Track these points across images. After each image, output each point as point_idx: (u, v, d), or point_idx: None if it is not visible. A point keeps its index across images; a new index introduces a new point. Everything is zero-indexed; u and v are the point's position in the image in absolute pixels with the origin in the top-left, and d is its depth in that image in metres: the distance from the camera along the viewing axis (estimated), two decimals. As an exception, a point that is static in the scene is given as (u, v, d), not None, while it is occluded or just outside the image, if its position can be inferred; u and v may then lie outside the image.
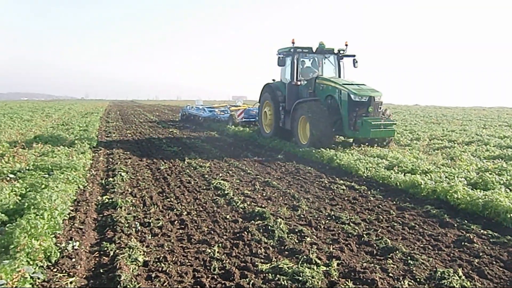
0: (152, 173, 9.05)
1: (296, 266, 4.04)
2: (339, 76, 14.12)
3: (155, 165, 9.95)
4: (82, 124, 19.15)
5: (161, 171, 9.20)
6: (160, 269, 4.06)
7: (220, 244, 4.74)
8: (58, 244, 4.49)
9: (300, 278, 3.77)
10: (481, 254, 4.64)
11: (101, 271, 4.05)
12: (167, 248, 4.64)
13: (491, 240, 5.11)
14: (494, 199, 6.01)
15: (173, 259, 4.32)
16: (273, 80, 15.37)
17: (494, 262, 4.42)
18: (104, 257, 4.33)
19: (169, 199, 6.82)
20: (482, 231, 5.39)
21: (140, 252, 4.42)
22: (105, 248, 4.52)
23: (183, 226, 5.43)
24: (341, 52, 14.17)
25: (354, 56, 14.09)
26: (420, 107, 51.48)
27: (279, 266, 4.03)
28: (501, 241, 5.05)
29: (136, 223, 5.48)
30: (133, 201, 6.59)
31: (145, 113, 34.19)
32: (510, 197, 6.12)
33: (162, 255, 4.38)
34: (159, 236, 5.08)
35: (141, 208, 6.30)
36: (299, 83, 13.78)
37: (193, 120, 23.25)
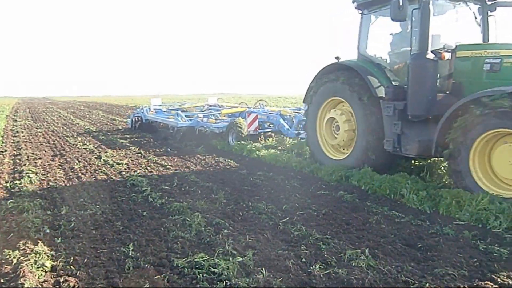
0: (65, 173, 8.59)
1: (212, 258, 4.06)
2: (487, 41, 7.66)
3: (69, 165, 9.45)
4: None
5: (75, 170, 8.77)
6: (69, 273, 3.88)
7: (135, 242, 4.62)
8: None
9: (216, 270, 3.80)
10: (386, 234, 4.96)
11: (2, 281, 3.77)
12: (78, 251, 4.43)
13: (395, 220, 5.49)
14: (397, 182, 6.47)
15: (84, 262, 4.14)
16: (337, 58, 8.43)
17: (397, 241, 4.74)
18: (5, 266, 4.03)
19: (82, 199, 6.51)
20: (388, 212, 5.77)
21: (48, 257, 4.19)
22: (7, 256, 4.21)
23: (96, 227, 5.22)
24: None
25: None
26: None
27: (195, 260, 4.03)
28: (404, 221, 5.44)
29: (45, 226, 5.17)
30: (42, 203, 6.22)
31: (59, 110, 32.32)
32: (410, 180, 6.62)
33: (72, 258, 4.18)
34: (70, 238, 4.84)
35: (51, 210, 5.96)
36: (432, 56, 6.78)
37: (151, 128, 15.96)
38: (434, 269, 4.00)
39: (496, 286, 3.66)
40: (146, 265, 3.97)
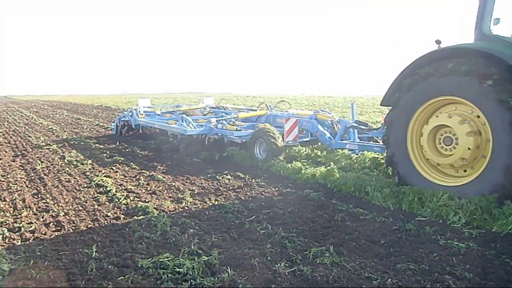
0: (26, 174, 8.34)
1: (177, 258, 4.03)
2: None
3: (30, 165, 9.18)
4: None
5: (37, 171, 8.52)
6: (29, 276, 3.77)
7: (99, 243, 4.54)
8: None
9: (181, 270, 3.78)
10: (350, 231, 5.05)
11: (-43, 285, 3.64)
12: (39, 253, 4.32)
13: (360, 217, 5.59)
14: (362, 180, 6.60)
15: (45, 264, 4.04)
16: (438, 42, 6.24)
17: (361, 237, 4.83)
18: (-41, 272, 3.89)
19: (44, 201, 6.35)
20: (353, 210, 5.87)
21: (6, 260, 4.07)
22: (-39, 262, 4.06)
23: (59, 228, 5.10)
24: None
25: None
26: (305, 96, 54.32)
27: (160, 260, 4.00)
28: (369, 218, 5.55)
29: (4, 229, 5.01)
30: (1, 206, 6.02)
31: (21, 110, 31.31)
32: (375, 178, 6.77)
33: (32, 261, 4.07)
34: (30, 241, 4.71)
35: (11, 212, 5.78)
36: None
37: (143, 135, 13.67)
38: (396, 265, 4.10)
39: (454, 279, 3.78)
40: (110, 266, 3.91)
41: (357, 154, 8.80)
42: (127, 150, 11.41)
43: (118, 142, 12.81)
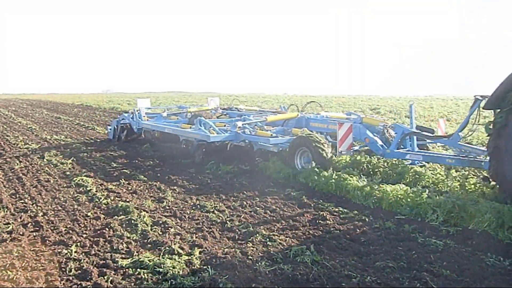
0: (4, 174, 8.19)
1: (158, 258, 4.02)
2: None
3: (8, 165, 9.02)
4: None
5: (15, 171, 8.37)
6: (6, 277, 3.71)
7: (78, 243, 4.49)
8: None
9: (161, 270, 3.77)
10: (331, 229, 5.09)
11: None
12: (16, 254, 4.25)
13: (341, 216, 5.64)
14: (343, 179, 6.65)
15: (23, 265, 3.97)
16: None
17: (341, 236, 4.88)
18: None
19: (22, 201, 6.25)
20: (334, 208, 5.91)
21: (-17, 261, 3.99)
22: None
23: (37, 228, 5.03)
24: None
25: None
26: (288, 96, 54.52)
27: (140, 259, 3.97)
28: (349, 216, 5.60)
29: (-19, 230, 4.92)
30: (-22, 206, 5.90)
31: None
32: (357, 176, 6.83)
33: (9, 262, 4.00)
34: (7, 241, 4.63)
35: (-12, 213, 5.67)
36: None
37: (147, 140, 12.09)
38: (375, 262, 4.15)
39: (432, 276, 3.85)
40: (89, 267, 3.86)
41: (419, 166, 7.53)
42: (123, 155, 11.26)
43: (103, 143, 12.65)
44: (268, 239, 4.66)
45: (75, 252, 4.26)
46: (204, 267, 3.91)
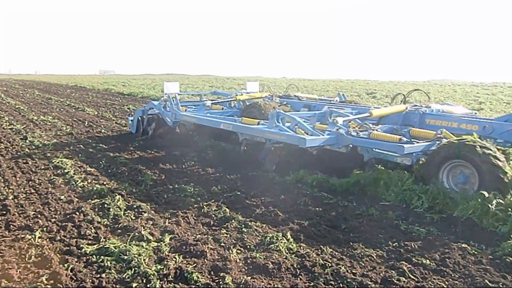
0: (-19, 155, 7.95)
1: (125, 244, 3.83)
2: None
3: (-13, 146, 8.78)
4: None
5: (-6, 152, 8.14)
6: (-40, 264, 3.52)
7: (44, 229, 4.29)
8: None
9: (126, 257, 3.58)
10: (312, 215, 4.92)
11: None
12: (-24, 240, 4.06)
13: (324, 201, 5.47)
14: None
15: (-19, 251, 3.78)
16: None
17: (322, 222, 4.71)
18: None
19: (-5, 183, 6.03)
20: (317, 194, 5.73)
21: None
22: None
23: (4, 212, 4.81)
24: None
25: None
26: (287, 79, 54.10)
27: (106, 246, 3.78)
28: (332, 202, 5.43)
29: None
30: None
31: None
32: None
33: (-33, 248, 3.81)
34: (-30, 226, 4.43)
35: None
36: None
37: (182, 138, 9.54)
38: (353, 251, 3.99)
39: (410, 265, 3.68)
40: (51, 254, 3.66)
41: None
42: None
43: (91, 126, 12.38)
44: (243, 225, 4.48)
45: (39, 237, 4.06)
46: (173, 254, 3.73)
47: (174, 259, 3.61)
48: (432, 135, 6.16)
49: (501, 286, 3.38)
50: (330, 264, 3.66)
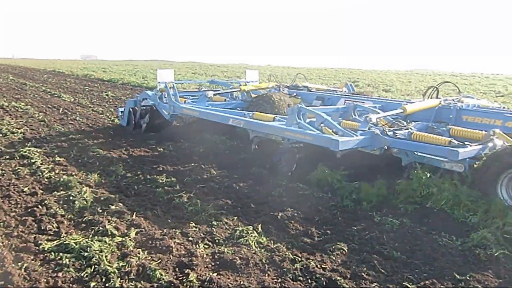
0: None
1: (87, 240, 3.66)
2: None
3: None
4: None
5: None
6: None
7: (1, 224, 4.08)
8: None
9: (86, 254, 3.41)
10: (285, 207, 4.79)
11: None
12: None
13: (298, 192, 5.34)
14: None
15: None
16: None
17: (295, 214, 4.59)
18: None
19: (-48, 175, 5.74)
20: (292, 185, 5.59)
21: None
22: None
23: (-42, 206, 4.57)
24: None
25: None
26: (271, 66, 53.79)
27: (66, 242, 3.60)
28: (307, 193, 5.31)
29: None
30: None
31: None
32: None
33: None
34: None
35: None
36: None
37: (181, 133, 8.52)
38: (325, 244, 3.91)
39: (381, 258, 3.62)
40: (4, 251, 3.47)
41: None
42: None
43: (66, 113, 12.03)
44: (213, 218, 4.35)
45: (-5, 234, 3.86)
46: (137, 250, 3.58)
47: (138, 255, 3.46)
48: (481, 136, 5.37)
49: (468, 278, 3.34)
50: (299, 259, 3.56)
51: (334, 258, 3.66)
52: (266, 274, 3.33)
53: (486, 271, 3.48)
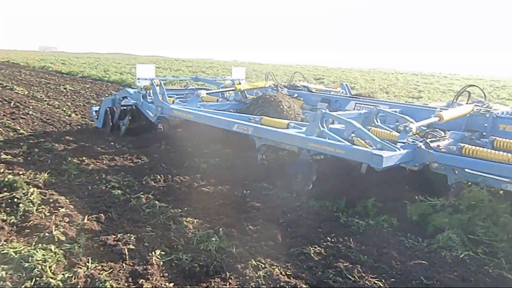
0: None
1: (30, 249, 3.32)
2: None
3: None
4: None
5: None
6: None
7: None
8: None
9: (27, 265, 3.08)
10: (249, 208, 4.59)
11: None
12: None
13: (263, 193, 5.15)
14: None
15: None
16: None
17: (259, 216, 4.38)
18: None
19: None
20: (256, 185, 5.37)
21: None
22: None
23: None
24: None
25: None
26: (238, 62, 53.44)
27: (4, 252, 3.25)
28: (272, 193, 5.13)
29: None
30: None
31: None
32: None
33: None
34: None
35: None
36: None
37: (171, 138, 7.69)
38: (290, 249, 3.72)
39: (348, 263, 3.47)
40: None
41: None
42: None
43: (18, 108, 11.36)
44: (172, 221, 4.09)
45: None
46: (85, 258, 3.27)
47: (87, 265, 3.17)
48: None
49: (435, 282, 3.24)
50: (263, 265, 3.36)
51: (299, 263, 3.48)
52: (228, 283, 3.11)
53: (452, 273, 3.40)
